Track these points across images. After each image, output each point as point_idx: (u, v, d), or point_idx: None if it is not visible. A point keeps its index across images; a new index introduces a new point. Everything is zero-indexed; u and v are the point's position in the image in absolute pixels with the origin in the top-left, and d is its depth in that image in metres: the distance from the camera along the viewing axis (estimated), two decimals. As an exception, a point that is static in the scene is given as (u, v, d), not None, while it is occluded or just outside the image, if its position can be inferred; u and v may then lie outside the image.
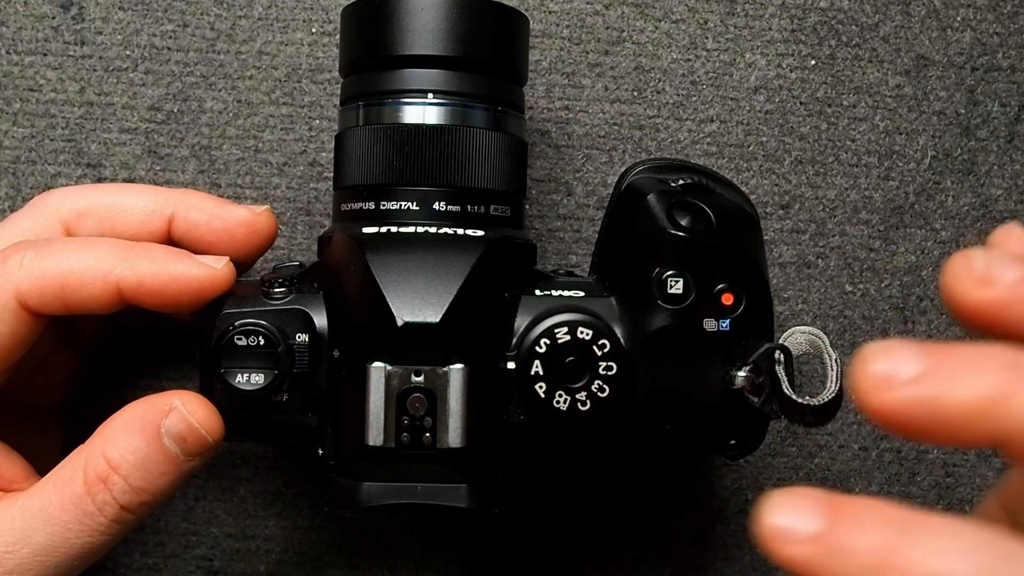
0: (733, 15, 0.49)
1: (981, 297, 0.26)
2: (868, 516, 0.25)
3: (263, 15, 0.48)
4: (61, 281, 0.36)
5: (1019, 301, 0.26)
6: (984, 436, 0.25)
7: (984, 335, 0.27)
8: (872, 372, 0.25)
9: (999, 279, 0.26)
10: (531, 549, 0.49)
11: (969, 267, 0.26)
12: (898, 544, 0.24)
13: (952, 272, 0.27)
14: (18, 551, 0.35)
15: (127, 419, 0.36)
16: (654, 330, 0.36)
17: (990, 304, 0.26)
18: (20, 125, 0.48)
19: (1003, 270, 0.26)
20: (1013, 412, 0.24)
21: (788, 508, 0.26)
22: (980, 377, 0.25)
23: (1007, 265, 0.26)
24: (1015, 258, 0.26)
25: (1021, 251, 0.29)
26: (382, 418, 0.35)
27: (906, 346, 0.25)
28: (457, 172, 0.38)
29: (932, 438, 0.25)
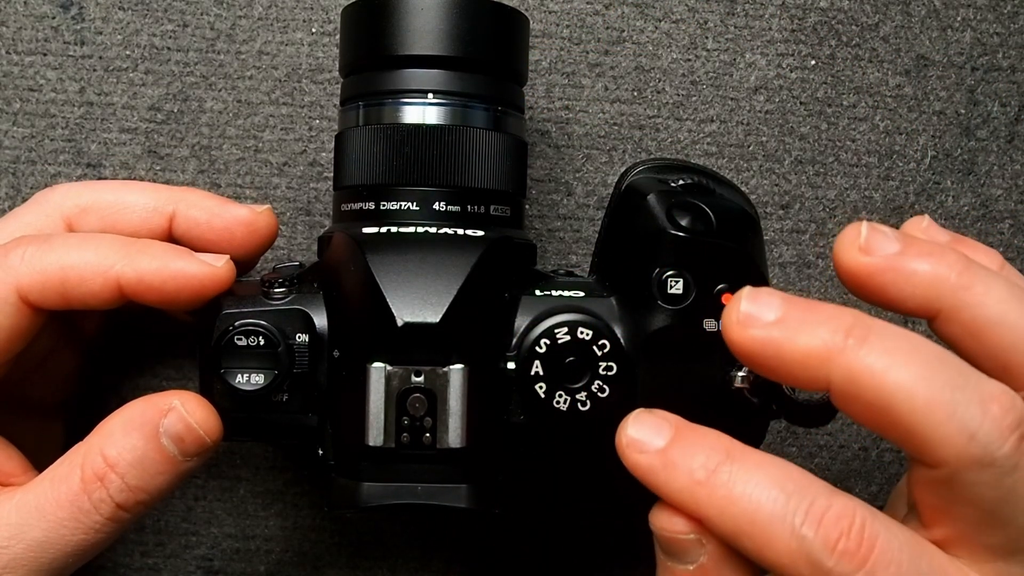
0: (733, 15, 0.49)
1: (860, 262, 0.31)
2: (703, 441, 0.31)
3: (263, 15, 0.48)
4: (62, 276, 0.36)
5: (889, 271, 0.30)
6: (813, 381, 0.29)
7: (861, 298, 0.32)
8: (739, 310, 0.30)
9: (878, 250, 0.31)
10: (531, 549, 0.48)
11: (856, 236, 0.31)
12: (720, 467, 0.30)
13: (842, 238, 0.31)
14: (13, 546, 0.35)
15: (126, 418, 0.36)
16: (654, 330, 0.36)
17: (865, 269, 0.31)
18: (20, 125, 0.48)
19: (883, 243, 0.31)
20: (836, 366, 0.29)
21: (642, 424, 0.32)
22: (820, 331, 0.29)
23: (888, 240, 0.31)
24: (900, 236, 0.31)
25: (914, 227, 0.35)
26: (382, 418, 0.35)
27: (772, 294, 0.30)
28: (457, 172, 0.38)
29: (776, 375, 0.30)
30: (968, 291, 0.30)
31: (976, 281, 0.30)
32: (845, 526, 0.29)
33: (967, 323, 0.30)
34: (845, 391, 0.29)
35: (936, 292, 0.30)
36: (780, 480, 0.30)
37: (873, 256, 0.31)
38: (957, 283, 0.30)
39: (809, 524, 0.29)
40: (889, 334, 0.29)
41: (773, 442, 0.48)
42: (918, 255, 0.31)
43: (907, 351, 0.29)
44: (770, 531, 0.29)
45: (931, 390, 0.28)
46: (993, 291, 0.30)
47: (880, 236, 0.31)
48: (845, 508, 0.29)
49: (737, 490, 0.30)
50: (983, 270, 0.31)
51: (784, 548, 0.29)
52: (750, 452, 0.31)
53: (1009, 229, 0.49)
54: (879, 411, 0.29)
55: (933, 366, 0.29)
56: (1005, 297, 0.30)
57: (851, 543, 0.29)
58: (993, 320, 0.30)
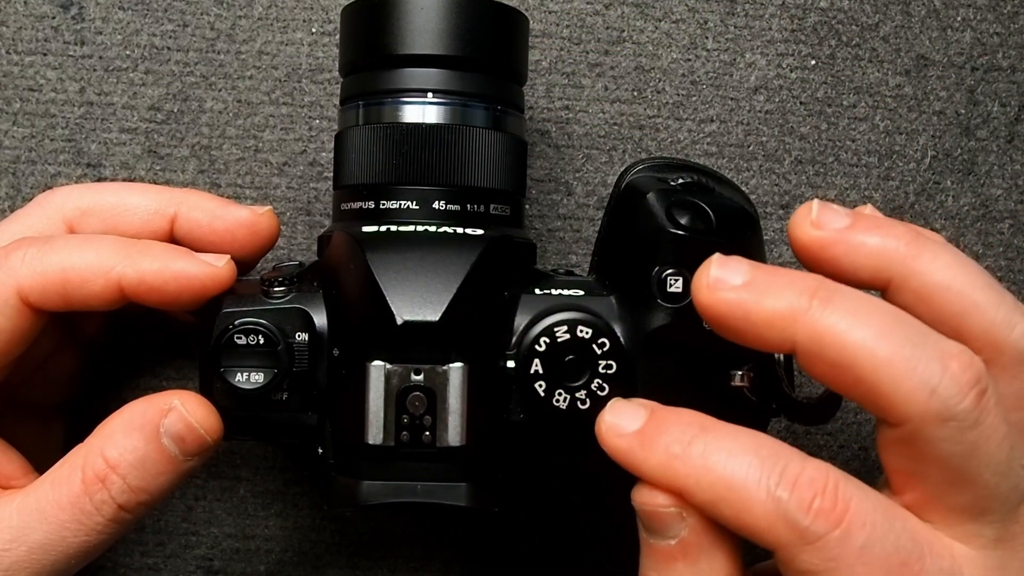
0: (733, 15, 0.49)
1: (811, 235, 0.32)
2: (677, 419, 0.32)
3: (263, 15, 0.48)
4: (63, 277, 0.36)
5: (840, 243, 0.32)
6: (779, 342, 0.31)
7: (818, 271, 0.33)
8: (709, 275, 0.32)
9: (829, 223, 0.32)
10: (531, 549, 0.48)
11: (808, 211, 0.33)
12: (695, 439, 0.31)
13: (795, 215, 0.33)
14: (15, 549, 0.35)
15: (126, 418, 0.36)
16: (654, 329, 0.36)
17: (817, 242, 0.32)
18: (20, 125, 0.48)
19: (834, 218, 0.32)
20: (800, 327, 0.30)
21: (619, 410, 0.33)
22: (786, 294, 0.31)
23: (839, 215, 0.33)
24: (850, 212, 0.33)
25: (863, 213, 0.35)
26: (382, 417, 0.35)
27: (741, 261, 0.32)
28: (457, 171, 0.38)
29: (743, 337, 0.31)
30: (916, 259, 0.32)
31: (923, 250, 0.32)
32: (819, 487, 0.30)
33: (917, 290, 0.32)
34: (809, 351, 0.30)
35: (886, 262, 0.32)
36: (754, 447, 0.31)
37: (824, 230, 0.32)
38: (906, 252, 0.32)
39: (784, 486, 0.30)
40: (851, 296, 0.30)
41: (773, 442, 0.48)
42: (867, 228, 0.32)
43: (868, 311, 0.30)
44: (747, 495, 0.30)
45: (892, 347, 0.29)
46: (940, 258, 0.32)
47: (831, 212, 0.33)
48: (818, 470, 0.30)
49: (712, 459, 0.31)
50: (929, 240, 0.32)
51: (761, 511, 0.30)
52: (723, 424, 0.32)
53: (1009, 229, 0.49)
54: (842, 369, 0.30)
55: (893, 325, 0.30)
56: (951, 263, 0.32)
57: (826, 503, 0.29)
58: (942, 286, 0.31)
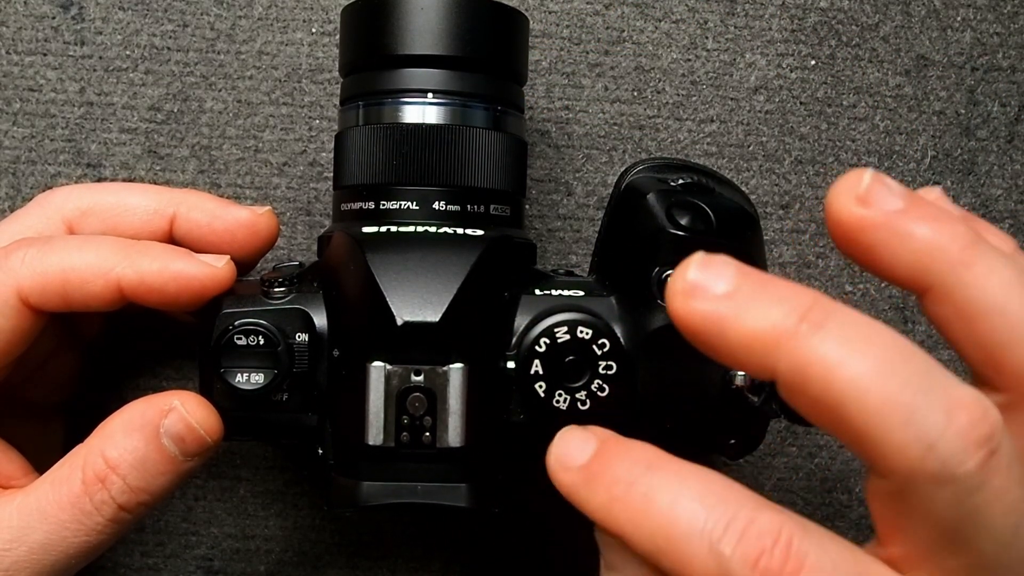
0: (733, 15, 0.49)
1: (854, 214, 0.26)
2: (626, 454, 0.29)
3: (263, 15, 0.48)
4: (62, 278, 0.36)
5: (885, 228, 0.26)
6: (759, 368, 0.26)
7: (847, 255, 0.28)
8: (686, 278, 0.26)
9: (879, 202, 0.26)
10: (531, 549, 0.48)
11: (857, 183, 0.27)
12: (639, 480, 0.28)
13: (840, 183, 0.27)
14: (15, 549, 0.35)
15: (126, 419, 0.36)
16: (654, 329, 0.36)
17: (859, 222, 0.26)
18: (20, 125, 0.48)
19: (887, 197, 0.26)
20: (783, 354, 0.25)
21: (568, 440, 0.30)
22: (772, 312, 0.25)
23: (893, 194, 0.27)
24: (906, 194, 0.27)
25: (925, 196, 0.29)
26: (382, 417, 0.35)
27: (727, 263, 0.26)
28: (457, 172, 0.38)
29: (717, 356, 0.27)
30: (968, 268, 0.26)
31: (980, 259, 0.26)
32: (768, 543, 0.26)
33: (960, 305, 0.26)
34: (791, 383, 0.25)
35: (932, 262, 0.27)
36: (700, 493, 0.27)
37: (871, 209, 0.27)
38: (958, 257, 0.26)
39: (728, 540, 0.26)
40: (850, 322, 0.25)
41: (773, 442, 0.48)
42: (921, 217, 0.27)
43: (867, 342, 0.25)
44: (687, 548, 0.26)
45: (888, 389, 0.25)
46: (997, 273, 0.26)
47: (884, 188, 0.27)
48: (771, 523, 0.26)
49: (655, 505, 0.27)
50: (991, 250, 0.27)
51: (702, 566, 0.26)
52: (673, 463, 0.29)
53: (1009, 229, 0.49)
54: (827, 409, 0.25)
55: (895, 362, 0.25)
56: (1010, 282, 0.26)
57: (775, 561, 0.26)
58: (990, 306, 0.26)
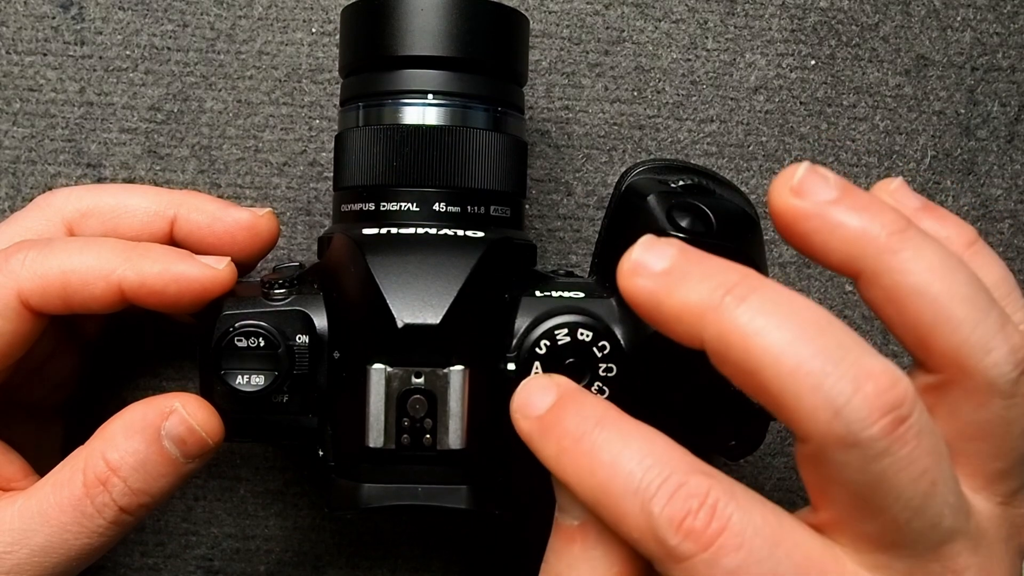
0: (733, 15, 0.49)
1: (789, 204, 0.29)
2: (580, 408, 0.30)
3: (263, 15, 0.48)
4: (63, 280, 0.36)
5: (816, 218, 0.28)
6: (689, 337, 0.29)
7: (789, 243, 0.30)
8: (631, 257, 0.29)
9: (812, 194, 0.29)
10: (531, 549, 0.48)
11: (792, 175, 0.29)
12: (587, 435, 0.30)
13: (779, 176, 0.29)
14: (16, 551, 0.35)
15: (127, 421, 0.36)
16: (654, 331, 0.36)
17: (792, 212, 0.29)
18: (20, 125, 0.47)
19: (821, 188, 0.29)
20: (708, 324, 0.28)
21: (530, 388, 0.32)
22: (701, 287, 0.28)
23: (826, 186, 0.29)
24: (841, 185, 0.29)
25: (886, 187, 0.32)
26: (382, 419, 0.35)
27: (670, 244, 0.29)
28: (457, 173, 0.38)
29: (658, 328, 0.29)
30: (895, 255, 0.28)
31: (907, 245, 0.28)
32: (695, 505, 0.27)
33: (888, 289, 0.28)
34: (715, 350, 0.28)
35: (860, 250, 0.28)
36: (642, 452, 0.29)
37: (803, 200, 0.29)
38: (885, 245, 0.28)
39: (658, 500, 0.28)
40: (772, 297, 0.27)
41: (773, 442, 0.48)
42: (851, 208, 0.28)
43: (786, 315, 0.27)
44: (622, 504, 0.28)
45: (800, 357, 0.26)
46: (923, 259, 0.28)
47: (818, 180, 0.29)
48: (699, 486, 0.28)
49: (598, 460, 0.29)
50: (920, 236, 0.29)
51: (634, 523, 0.28)
52: (622, 421, 0.30)
53: (1009, 229, 0.49)
54: (747, 374, 0.27)
55: (810, 333, 0.27)
56: (934, 267, 0.28)
57: (698, 523, 0.27)
58: (915, 290, 0.28)
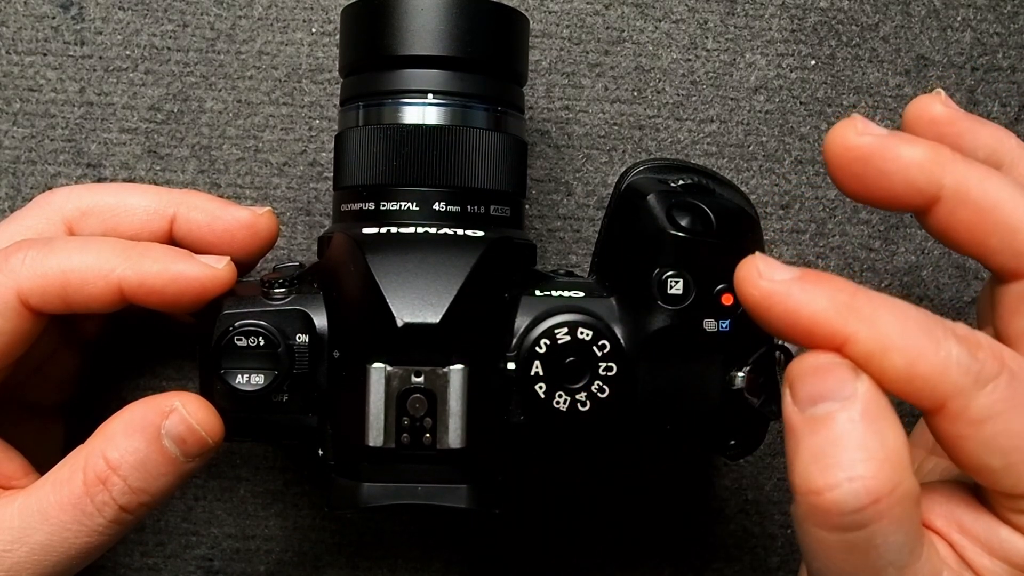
0: (733, 15, 0.49)
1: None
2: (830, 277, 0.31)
3: (263, 15, 0.48)
4: (63, 280, 0.36)
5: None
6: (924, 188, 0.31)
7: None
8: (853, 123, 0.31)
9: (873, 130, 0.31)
10: (531, 549, 0.49)
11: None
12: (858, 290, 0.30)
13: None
14: (16, 550, 0.35)
15: (127, 420, 0.36)
16: (654, 330, 0.36)
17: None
18: (20, 125, 0.48)
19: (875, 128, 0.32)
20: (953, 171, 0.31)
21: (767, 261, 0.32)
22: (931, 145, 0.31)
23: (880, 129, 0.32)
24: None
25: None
26: (382, 419, 0.35)
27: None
28: (457, 172, 0.38)
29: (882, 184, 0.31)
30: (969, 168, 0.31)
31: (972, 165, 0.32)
32: (976, 339, 0.30)
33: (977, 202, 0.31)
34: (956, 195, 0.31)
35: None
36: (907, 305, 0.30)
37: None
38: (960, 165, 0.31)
39: (950, 337, 0.29)
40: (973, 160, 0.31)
41: (773, 442, 0.48)
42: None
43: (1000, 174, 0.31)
44: (919, 341, 0.29)
45: None
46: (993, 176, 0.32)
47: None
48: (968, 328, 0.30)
49: (878, 308, 0.30)
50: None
51: (934, 356, 0.29)
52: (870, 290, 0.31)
53: (1009, 229, 0.49)
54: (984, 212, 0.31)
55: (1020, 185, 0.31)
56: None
57: (990, 351, 0.30)
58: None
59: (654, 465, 0.48)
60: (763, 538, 0.49)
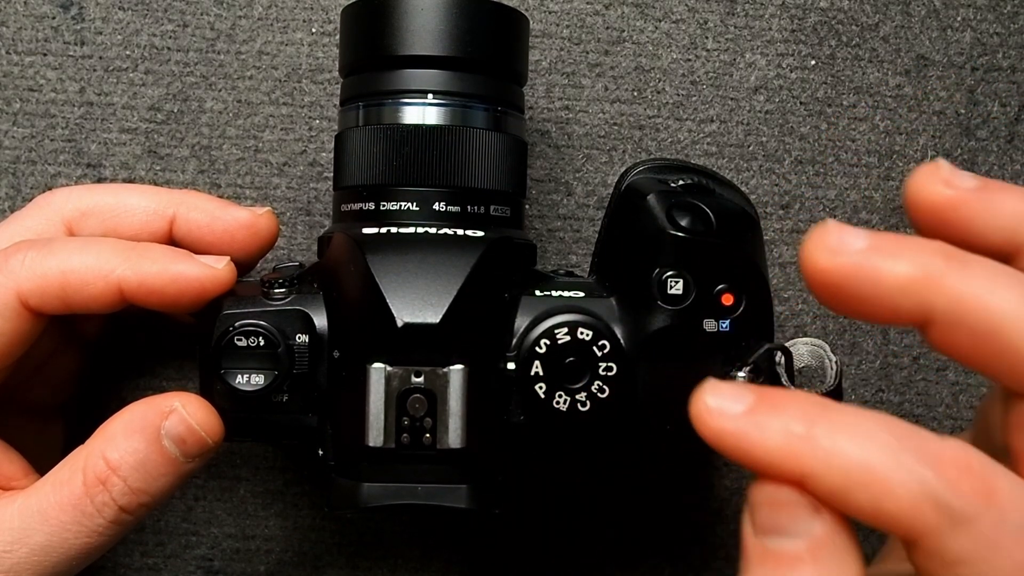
0: (733, 15, 0.49)
1: (944, 194, 0.29)
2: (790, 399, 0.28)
3: (263, 15, 0.48)
4: (62, 280, 0.36)
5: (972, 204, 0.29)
6: (912, 311, 0.27)
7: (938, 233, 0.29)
8: (825, 238, 0.28)
9: (960, 183, 0.29)
10: (531, 549, 0.49)
11: (937, 169, 0.29)
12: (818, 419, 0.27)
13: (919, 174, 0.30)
14: (16, 550, 0.35)
15: (127, 420, 0.36)
16: (654, 330, 0.36)
17: (952, 200, 0.29)
18: (20, 125, 0.48)
19: (964, 179, 0.29)
20: (939, 291, 0.27)
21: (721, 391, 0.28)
22: (916, 258, 0.27)
23: (967, 177, 0.29)
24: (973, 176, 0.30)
25: None
26: (382, 419, 0.35)
27: (855, 229, 0.28)
28: (457, 172, 0.38)
29: (869, 308, 0.28)
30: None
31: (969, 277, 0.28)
32: (963, 465, 0.26)
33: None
34: (950, 317, 0.27)
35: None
36: (885, 426, 0.27)
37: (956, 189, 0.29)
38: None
39: (927, 465, 0.26)
40: (984, 261, 0.28)
41: (773, 442, 0.48)
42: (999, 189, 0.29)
43: (1007, 276, 0.27)
44: (886, 477, 0.26)
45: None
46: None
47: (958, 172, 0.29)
48: (957, 448, 0.27)
49: (841, 439, 0.27)
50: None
51: (904, 493, 0.26)
52: (842, 405, 0.28)
53: (1009, 229, 0.49)
54: (984, 336, 0.27)
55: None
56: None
57: (976, 482, 0.26)
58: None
59: (654, 465, 0.48)
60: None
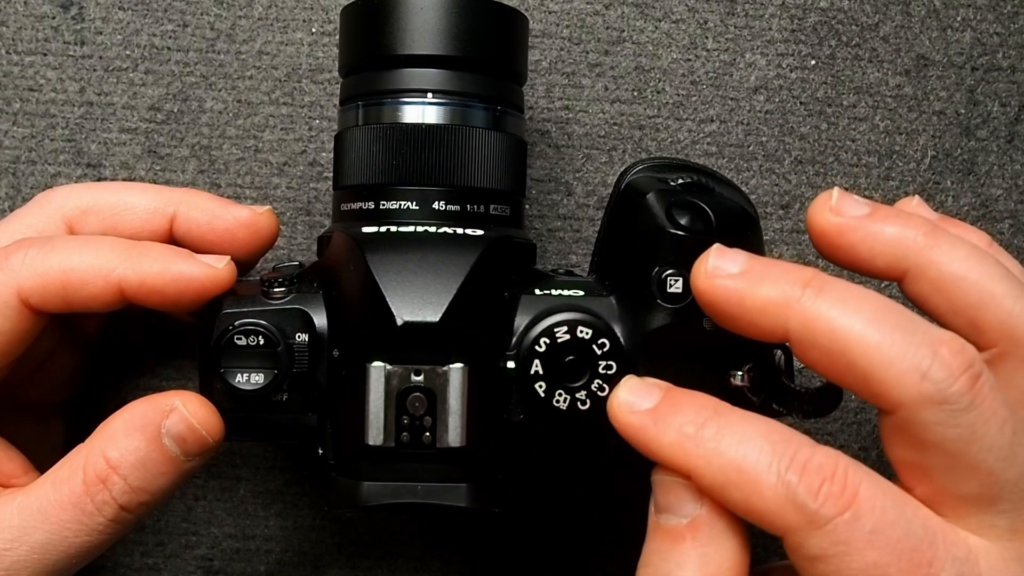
0: (733, 15, 0.49)
1: (830, 221, 0.33)
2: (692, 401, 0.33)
3: (263, 15, 0.48)
4: (63, 279, 0.36)
5: (858, 230, 0.33)
6: (772, 329, 0.31)
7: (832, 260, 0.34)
8: (708, 263, 0.33)
9: (847, 211, 0.33)
10: (531, 549, 0.48)
11: (828, 198, 0.33)
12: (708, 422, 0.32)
13: (816, 201, 0.34)
14: (16, 548, 0.35)
15: (127, 419, 0.36)
16: (654, 329, 0.36)
17: (835, 228, 0.33)
18: (20, 125, 0.48)
19: (853, 206, 0.33)
20: (793, 314, 0.31)
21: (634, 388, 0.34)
22: (779, 284, 0.31)
23: (858, 204, 0.33)
24: (869, 204, 0.34)
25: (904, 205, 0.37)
26: (382, 417, 0.35)
27: (739, 253, 0.33)
28: (456, 171, 0.38)
29: (737, 324, 0.32)
30: (933, 250, 0.32)
31: (940, 241, 0.32)
32: (828, 472, 0.30)
33: (934, 280, 0.32)
34: (802, 337, 0.31)
35: (903, 251, 0.32)
36: (765, 432, 0.31)
37: (843, 216, 0.33)
38: (923, 243, 0.32)
39: (794, 470, 0.30)
40: (844, 286, 0.31)
41: (773, 442, 0.48)
42: (885, 218, 0.33)
43: (859, 300, 0.31)
44: (757, 479, 0.30)
45: (882, 333, 0.30)
46: (957, 250, 0.32)
47: (850, 200, 0.33)
48: (828, 456, 0.30)
49: (724, 442, 0.31)
50: (947, 233, 0.33)
51: (771, 494, 0.30)
52: (737, 410, 0.32)
53: (1009, 229, 0.49)
54: (834, 355, 0.30)
55: (885, 313, 0.31)
56: (968, 255, 0.32)
57: (835, 487, 0.30)
58: (958, 276, 0.32)
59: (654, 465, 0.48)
60: (763, 537, 0.49)
